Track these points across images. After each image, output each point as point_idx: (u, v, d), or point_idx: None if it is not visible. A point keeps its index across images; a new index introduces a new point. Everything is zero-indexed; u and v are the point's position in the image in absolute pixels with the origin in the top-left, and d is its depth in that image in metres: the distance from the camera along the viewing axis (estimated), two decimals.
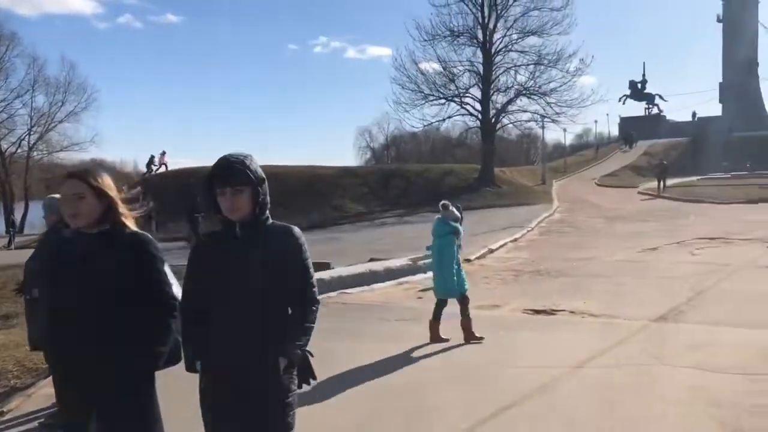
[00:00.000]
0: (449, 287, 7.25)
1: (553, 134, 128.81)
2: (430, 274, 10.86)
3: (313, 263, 2.77)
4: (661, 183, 30.02)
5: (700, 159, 47.35)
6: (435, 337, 7.25)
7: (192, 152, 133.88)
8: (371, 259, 13.98)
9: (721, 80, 70.67)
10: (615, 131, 76.17)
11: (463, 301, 7.26)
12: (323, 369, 6.40)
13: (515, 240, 16.99)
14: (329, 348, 7.22)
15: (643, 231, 17.26)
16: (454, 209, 7.75)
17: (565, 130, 65.93)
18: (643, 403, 5.02)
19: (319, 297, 2.75)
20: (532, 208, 25.60)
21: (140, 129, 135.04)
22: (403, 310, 9.22)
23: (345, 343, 7.54)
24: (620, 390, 5.35)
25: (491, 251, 14.96)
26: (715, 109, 70.53)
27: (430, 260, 13.08)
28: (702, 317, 7.82)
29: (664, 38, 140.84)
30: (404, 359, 6.66)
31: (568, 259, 13.27)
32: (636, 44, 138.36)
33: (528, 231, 18.75)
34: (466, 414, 4.87)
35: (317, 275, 10.58)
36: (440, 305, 7.31)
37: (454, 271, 7.18)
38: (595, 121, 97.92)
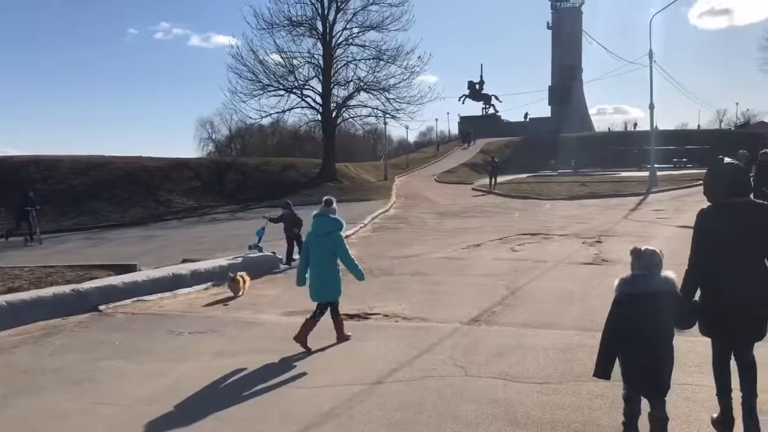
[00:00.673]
0: (334, 290, 6.75)
1: (398, 131, 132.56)
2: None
3: (114, 265, 1.79)
4: (493, 180, 31.21)
5: (530, 157, 50.52)
6: (303, 339, 6.57)
7: (15, 140, 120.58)
8: (184, 260, 12.70)
9: (550, 84, 76.36)
10: (455, 129, 79.67)
11: (332, 305, 6.85)
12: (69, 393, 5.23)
13: (346, 237, 16.39)
14: (91, 369, 6.08)
15: (471, 227, 17.50)
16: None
17: (407, 127, 67.96)
18: (438, 426, 4.48)
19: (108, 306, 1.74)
20: (371, 203, 25.39)
21: None
22: (200, 321, 8.17)
23: (114, 362, 6.41)
24: (417, 410, 4.81)
25: None
26: (545, 111, 75.95)
27: (258, 253, 12.29)
28: (513, 318, 7.62)
29: (501, 42, 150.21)
30: (176, 383, 5.67)
31: (394, 256, 12.92)
32: (476, 46, 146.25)
33: (361, 227, 18.34)
34: None
35: (107, 281, 9.14)
36: (322, 309, 6.80)
37: (338, 272, 6.72)
38: (436, 120, 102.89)
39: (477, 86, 75.13)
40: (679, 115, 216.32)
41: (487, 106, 75.50)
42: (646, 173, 30.55)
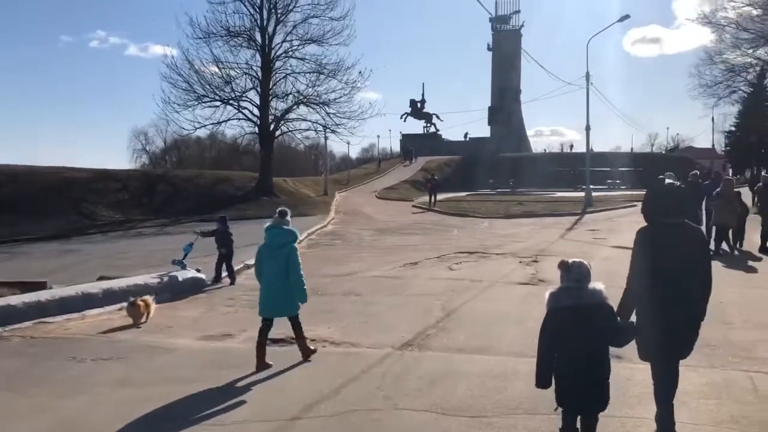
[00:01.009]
0: (293, 303, 6.50)
1: (341, 147, 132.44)
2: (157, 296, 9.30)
3: (21, 282, 1.26)
4: (433, 197, 31.12)
5: (470, 176, 50.86)
6: (262, 363, 6.29)
7: None
8: (100, 278, 11.79)
9: (490, 104, 77.59)
10: (398, 146, 79.87)
11: (296, 318, 6.62)
12: None
13: None
14: None
15: (409, 244, 17.16)
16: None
17: (348, 142, 67.70)
18: None
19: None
20: (308, 219, 24.68)
21: None
22: (106, 346, 7.43)
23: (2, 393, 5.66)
24: None
25: (248, 267, 13.54)
26: (485, 131, 77.08)
27: (181, 270, 11.53)
28: (448, 342, 7.23)
29: (444, 62, 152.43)
30: (63, 420, 4.99)
31: (327, 274, 12.38)
32: (419, 65, 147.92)
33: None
34: None
35: (5, 300, 8.17)
36: (268, 325, 6.54)
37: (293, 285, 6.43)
38: (378, 136, 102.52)
39: (419, 105, 75.63)
40: (613, 138, 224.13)
41: (429, 125, 76.04)
42: (582, 194, 31.03)
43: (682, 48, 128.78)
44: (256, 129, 32.76)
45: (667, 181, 4.09)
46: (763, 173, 15.81)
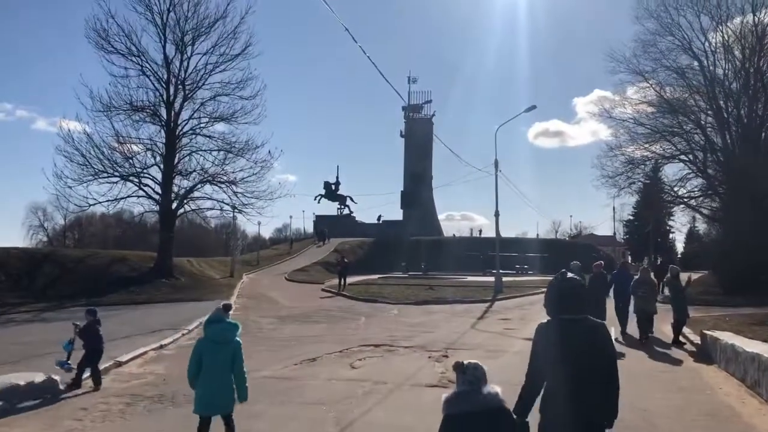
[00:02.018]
0: (231, 400, 6.18)
1: (254, 226, 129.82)
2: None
3: None
4: (342, 280, 29.85)
5: (383, 258, 50.34)
6: None
7: None
8: None
9: (402, 189, 78.39)
10: (311, 227, 78.78)
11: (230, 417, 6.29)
12: None
13: (161, 347, 13.89)
14: None
15: (311, 335, 15.69)
16: None
17: (259, 223, 66.12)
18: None
19: None
20: (206, 304, 22.52)
21: None
22: None
23: None
24: None
25: (119, 365, 11.62)
26: (397, 214, 77.53)
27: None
28: None
29: (358, 145, 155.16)
30: None
31: None
32: (335, 148, 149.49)
33: (184, 334, 15.81)
34: None
35: None
36: (206, 427, 6.17)
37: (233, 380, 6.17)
38: (291, 217, 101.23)
39: (333, 187, 75.38)
40: (520, 224, 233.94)
41: (343, 207, 75.77)
42: (492, 278, 30.72)
43: (582, 141, 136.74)
44: (157, 207, 30.68)
45: (569, 275, 3.95)
46: (671, 265, 15.87)
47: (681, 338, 13.89)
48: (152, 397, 9.26)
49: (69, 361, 10.00)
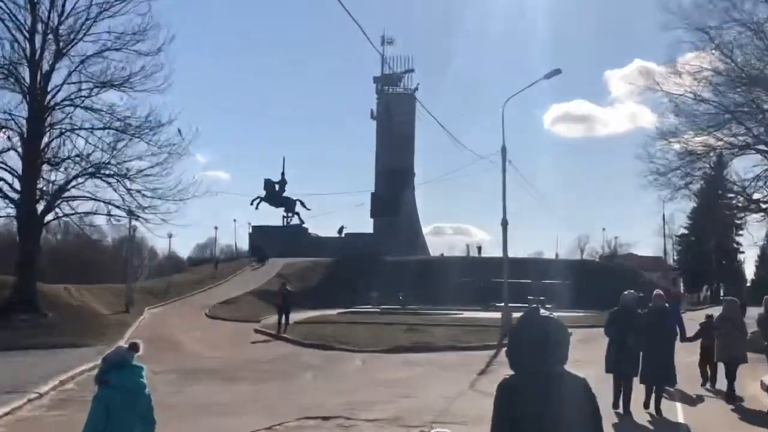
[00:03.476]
0: None
1: (165, 242, 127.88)
2: None
3: None
4: (284, 317, 28.93)
5: (345, 286, 50.41)
6: None
7: None
8: None
9: (373, 191, 77.72)
10: (246, 243, 78.24)
11: None
12: None
13: None
14: None
15: (227, 402, 14.56)
16: None
17: (170, 235, 64.40)
18: None
19: None
20: (79, 352, 21.46)
21: None
22: None
23: None
24: None
25: None
26: (366, 225, 77.06)
27: None
28: None
29: (314, 133, 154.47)
30: None
31: None
32: (280, 136, 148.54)
33: (32, 399, 14.34)
34: None
35: None
36: None
37: None
38: (216, 228, 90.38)
39: (277, 186, 75.02)
40: (534, 240, 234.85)
41: (290, 215, 75.82)
42: (497, 314, 30.13)
43: (616, 129, 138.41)
44: (13, 209, 29.34)
45: (542, 312, 3.97)
46: (764, 298, 15.40)
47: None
48: None
49: None
